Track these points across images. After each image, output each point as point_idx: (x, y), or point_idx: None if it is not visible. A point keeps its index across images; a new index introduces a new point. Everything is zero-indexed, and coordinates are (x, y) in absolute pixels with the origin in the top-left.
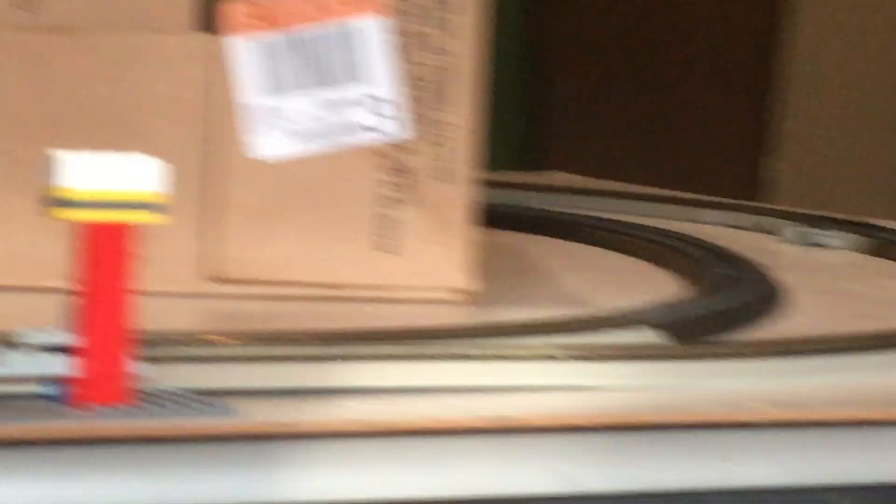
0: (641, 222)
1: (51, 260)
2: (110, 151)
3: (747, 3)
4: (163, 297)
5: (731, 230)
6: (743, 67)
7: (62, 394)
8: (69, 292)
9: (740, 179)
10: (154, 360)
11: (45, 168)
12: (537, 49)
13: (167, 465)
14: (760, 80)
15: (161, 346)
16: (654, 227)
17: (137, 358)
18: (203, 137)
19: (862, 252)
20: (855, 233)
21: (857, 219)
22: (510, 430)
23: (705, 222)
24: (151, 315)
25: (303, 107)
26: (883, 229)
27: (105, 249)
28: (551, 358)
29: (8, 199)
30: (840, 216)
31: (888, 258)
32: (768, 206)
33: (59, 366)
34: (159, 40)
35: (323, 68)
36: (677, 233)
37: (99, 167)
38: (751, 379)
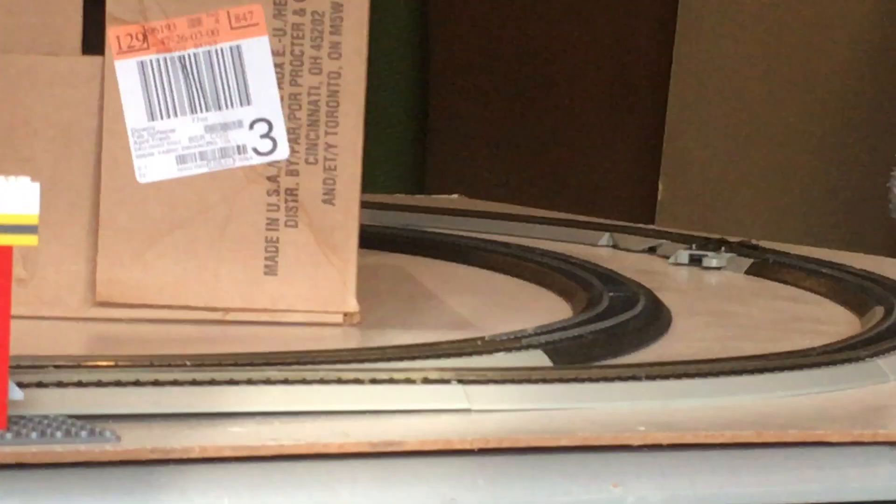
0: (531, 244)
1: None
2: None
3: (638, 24)
4: (51, 321)
5: (620, 252)
6: (633, 90)
7: None
8: None
9: (629, 201)
10: (38, 384)
11: None
12: (428, 71)
13: (48, 493)
14: (650, 103)
15: (45, 371)
16: (542, 250)
17: (19, 384)
18: (91, 160)
19: (745, 273)
20: (738, 253)
21: (739, 240)
22: (395, 454)
23: (594, 244)
24: (38, 339)
25: (190, 130)
26: (765, 250)
27: None
28: (437, 381)
29: None
30: (724, 237)
31: (769, 279)
32: (656, 227)
33: None
34: (47, 62)
35: (211, 91)
36: (565, 255)
37: None
38: (636, 401)
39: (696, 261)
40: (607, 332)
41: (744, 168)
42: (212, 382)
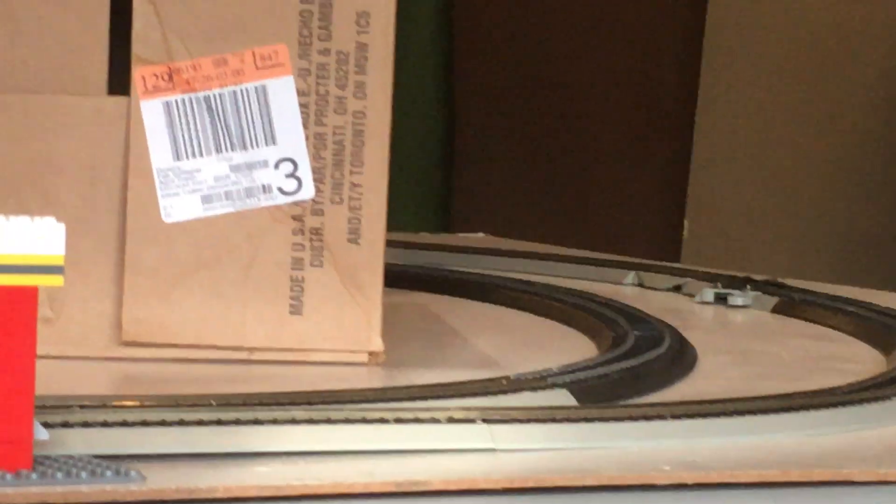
0: (556, 283)
1: None
2: (21, 214)
3: (662, 60)
4: (77, 360)
5: (645, 290)
6: (658, 128)
7: None
8: None
9: (654, 239)
10: (63, 424)
11: None
12: (453, 110)
13: None
14: (675, 141)
15: (71, 411)
16: (568, 288)
17: (45, 424)
18: (117, 200)
19: (771, 311)
20: (764, 292)
21: (765, 278)
22: (420, 494)
23: (619, 283)
24: (64, 379)
25: (216, 169)
26: (791, 288)
27: (6, 313)
28: (462, 421)
29: None
30: (750, 275)
31: (795, 317)
32: (681, 266)
33: None
34: (73, 102)
35: (236, 131)
36: (590, 294)
37: None
38: (661, 440)
39: (721, 299)
40: (632, 371)
41: (770, 206)
42: (237, 422)
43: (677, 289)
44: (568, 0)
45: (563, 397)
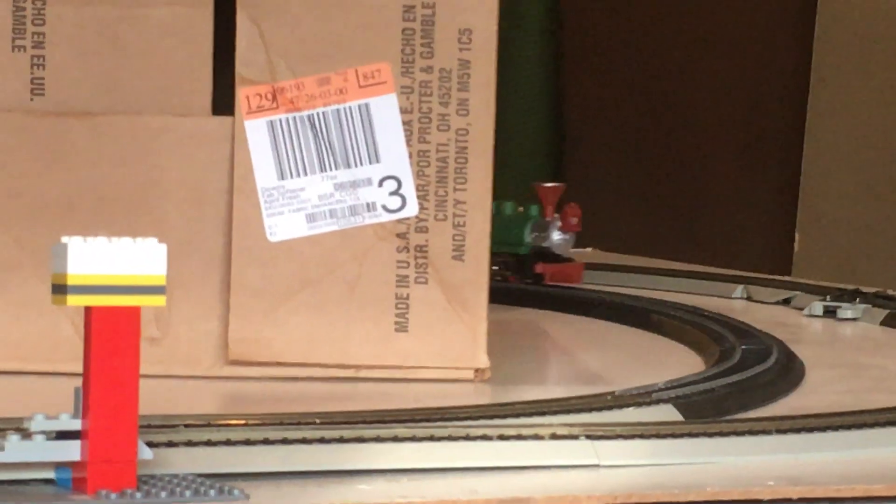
0: (664, 297)
1: (65, 345)
2: (127, 236)
3: (772, 73)
4: (183, 379)
5: (754, 304)
6: (768, 140)
7: (71, 479)
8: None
9: (764, 253)
10: (168, 444)
11: (54, 253)
12: (561, 125)
13: None
14: (785, 153)
15: (176, 430)
16: (675, 303)
17: (149, 443)
18: (222, 220)
19: (880, 324)
20: (873, 304)
21: (875, 290)
22: None
23: (728, 296)
24: (170, 398)
25: (320, 188)
26: None
27: (109, 333)
28: (565, 437)
29: (23, 284)
30: (859, 288)
31: None
32: (790, 279)
33: (67, 452)
34: (177, 123)
35: (340, 149)
36: (698, 308)
37: (101, 252)
38: (766, 455)
39: (830, 312)
40: (739, 385)
41: (881, 218)
42: (340, 440)
43: (786, 302)
44: (676, 14)
45: (668, 412)
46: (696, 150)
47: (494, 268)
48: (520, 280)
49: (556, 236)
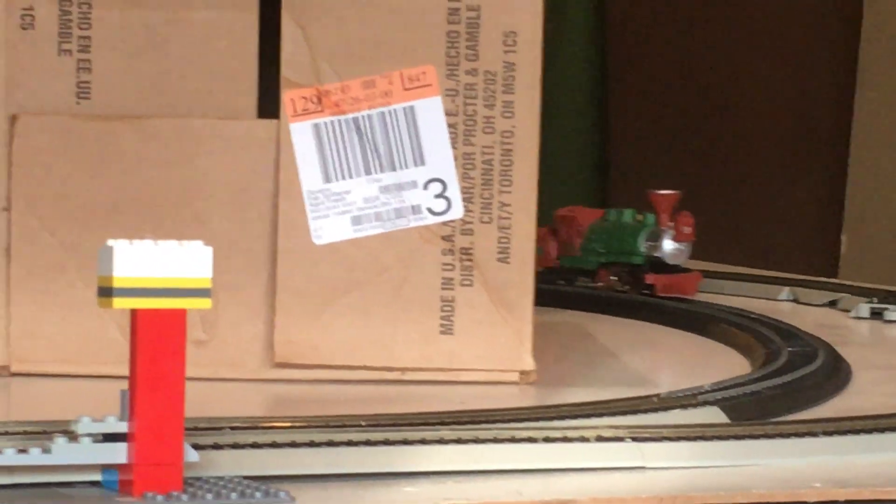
0: (711, 300)
1: (111, 347)
2: (173, 239)
3: (818, 75)
4: (230, 382)
5: (800, 306)
6: (814, 142)
7: (117, 482)
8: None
9: (811, 255)
10: (214, 446)
11: (100, 256)
12: (607, 126)
13: None
14: (832, 155)
15: (222, 433)
16: (722, 305)
17: (195, 445)
18: (267, 223)
19: None
20: None
21: None
22: None
23: (774, 298)
24: (216, 400)
25: (365, 191)
26: None
27: (155, 336)
28: (611, 439)
29: (69, 287)
30: None
31: None
32: (838, 281)
33: (114, 454)
34: (223, 126)
35: (385, 152)
36: (744, 310)
37: (147, 255)
38: (813, 457)
39: (877, 314)
40: (785, 387)
41: None
42: (386, 442)
43: (833, 304)
44: (721, 15)
45: (714, 415)
46: (741, 150)
47: (613, 278)
48: (634, 291)
49: (669, 246)
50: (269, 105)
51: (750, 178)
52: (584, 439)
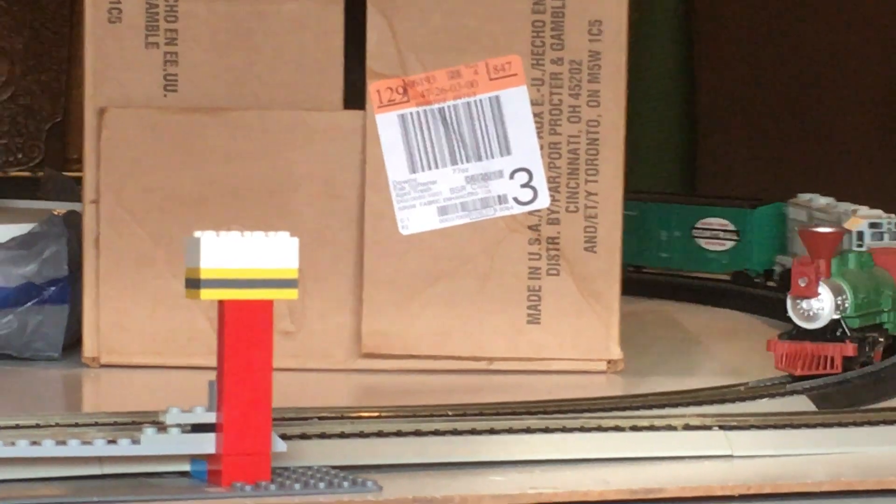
0: None
1: (199, 338)
2: (259, 230)
3: None
4: (317, 372)
5: None
6: None
7: (206, 472)
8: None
9: None
10: (301, 436)
11: (187, 248)
12: (694, 115)
13: None
14: None
15: (309, 423)
16: None
17: (283, 435)
18: (354, 214)
19: None
20: None
21: None
22: (656, 502)
23: None
24: (304, 391)
25: (451, 181)
26: None
27: (242, 327)
28: (698, 428)
29: (157, 278)
30: None
31: None
32: None
33: (202, 445)
34: (310, 118)
35: (471, 142)
36: None
37: (234, 246)
38: None
39: None
40: (873, 375)
41: None
42: (472, 432)
43: None
44: (809, 2)
45: (802, 403)
46: (832, 140)
47: None
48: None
49: None
50: (354, 96)
51: (841, 163)
52: (671, 428)
